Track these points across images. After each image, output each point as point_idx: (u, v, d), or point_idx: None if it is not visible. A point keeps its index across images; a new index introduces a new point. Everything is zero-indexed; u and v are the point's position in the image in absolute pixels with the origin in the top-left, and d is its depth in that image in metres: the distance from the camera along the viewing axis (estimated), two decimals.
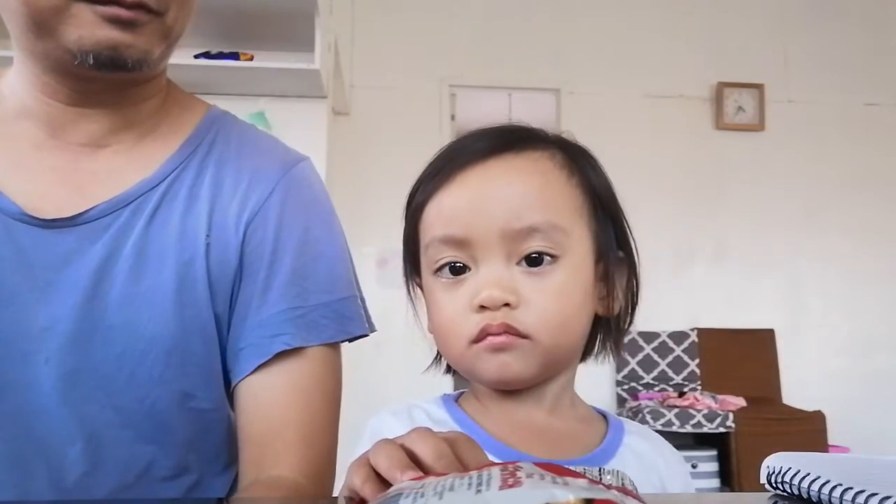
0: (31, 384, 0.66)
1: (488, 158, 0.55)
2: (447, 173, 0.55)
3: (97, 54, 0.63)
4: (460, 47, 3.73)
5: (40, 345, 0.66)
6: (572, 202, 0.55)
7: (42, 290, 0.66)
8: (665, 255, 3.60)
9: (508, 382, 0.55)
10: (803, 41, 3.88)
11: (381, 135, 3.54)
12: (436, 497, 0.30)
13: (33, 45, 0.65)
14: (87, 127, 0.71)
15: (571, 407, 0.59)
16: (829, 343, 3.71)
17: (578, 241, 0.55)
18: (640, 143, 3.66)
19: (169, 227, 0.71)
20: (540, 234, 0.52)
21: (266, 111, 2.57)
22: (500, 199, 0.53)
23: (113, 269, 0.68)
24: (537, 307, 0.52)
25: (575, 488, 0.28)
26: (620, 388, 3.51)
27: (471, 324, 0.53)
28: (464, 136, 0.58)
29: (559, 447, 0.54)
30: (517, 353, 0.52)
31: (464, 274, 0.54)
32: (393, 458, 0.37)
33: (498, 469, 0.31)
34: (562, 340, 0.54)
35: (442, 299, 0.55)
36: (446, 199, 0.55)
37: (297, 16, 2.43)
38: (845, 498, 0.39)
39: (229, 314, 0.73)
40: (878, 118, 3.88)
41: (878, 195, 3.79)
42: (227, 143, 0.77)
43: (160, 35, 0.67)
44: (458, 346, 0.54)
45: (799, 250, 3.75)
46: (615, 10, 3.82)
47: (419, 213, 0.57)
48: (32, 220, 0.67)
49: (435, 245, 0.55)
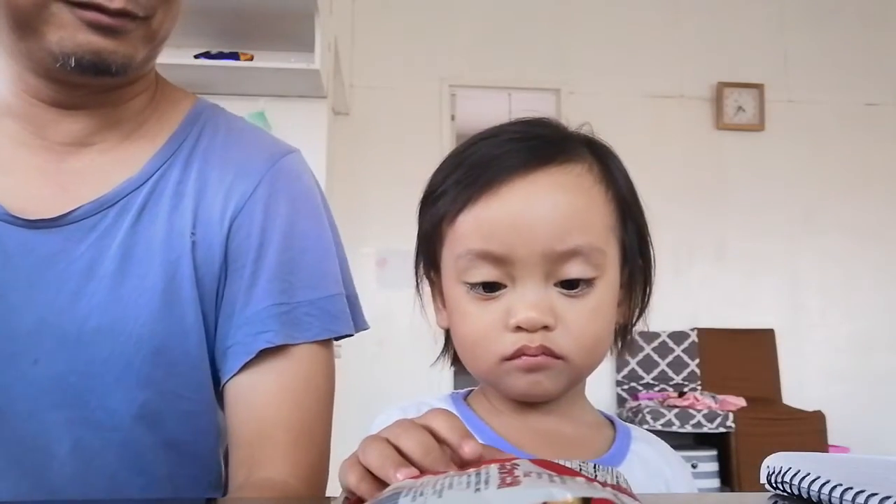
0: (18, 386, 0.65)
1: (530, 172, 0.53)
2: (486, 183, 0.53)
3: (79, 58, 0.62)
4: (460, 47, 3.73)
5: (28, 346, 0.65)
6: (609, 219, 0.55)
7: (28, 292, 0.66)
8: (665, 255, 3.57)
9: (535, 398, 0.55)
10: (803, 41, 3.88)
11: (380, 135, 3.54)
12: (435, 496, 0.30)
13: (16, 45, 0.64)
14: (71, 126, 0.69)
15: (581, 412, 0.59)
16: (829, 343, 3.71)
17: (611, 258, 0.54)
18: (640, 143, 3.65)
19: (155, 226, 0.69)
20: (581, 257, 0.52)
21: (266, 111, 2.57)
22: (545, 219, 0.51)
23: (99, 270, 0.67)
24: (574, 330, 0.52)
25: (572, 487, 0.28)
26: (620, 388, 3.52)
27: (506, 342, 0.52)
28: (493, 138, 0.56)
29: (568, 452, 0.53)
30: (550, 373, 0.52)
31: (499, 290, 0.53)
32: (385, 456, 0.36)
33: (496, 467, 0.31)
34: (593, 360, 0.54)
35: (473, 312, 0.54)
36: (485, 212, 0.53)
37: (297, 16, 2.43)
38: (845, 498, 0.39)
39: (216, 313, 0.71)
40: (878, 118, 3.88)
41: (878, 195, 3.80)
42: (213, 136, 0.75)
43: (145, 39, 0.65)
44: (489, 360, 0.53)
45: (799, 250, 3.75)
46: (615, 10, 3.82)
47: (448, 220, 0.55)
48: (16, 221, 0.66)
49: (471, 258, 0.53)
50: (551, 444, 0.55)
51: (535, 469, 0.31)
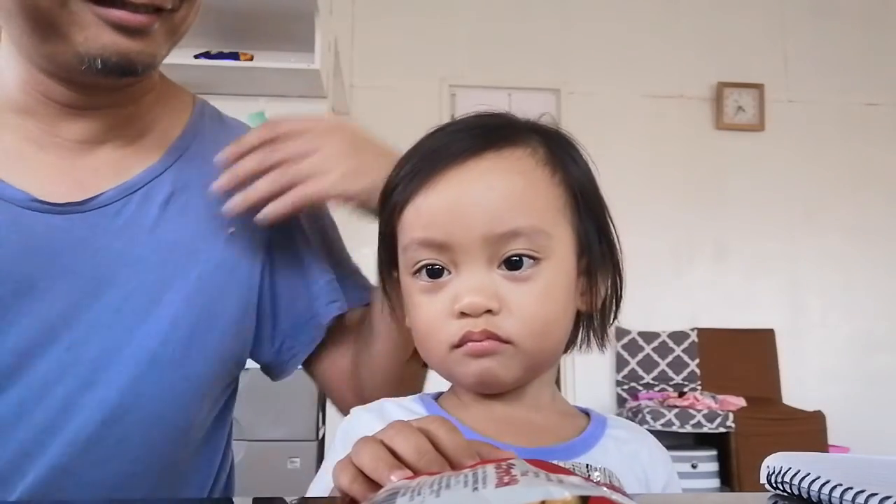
0: (52, 372, 0.65)
1: (468, 159, 0.53)
2: (426, 174, 0.53)
3: (105, 60, 0.61)
4: (460, 47, 3.73)
5: (62, 332, 0.65)
6: (555, 202, 0.54)
7: (58, 278, 0.66)
8: (665, 255, 3.60)
9: (490, 386, 0.54)
10: (803, 41, 3.88)
11: (380, 135, 3.52)
12: (433, 495, 0.29)
13: (37, 49, 0.63)
14: (86, 125, 0.70)
15: (552, 402, 0.58)
16: (829, 343, 3.71)
17: (561, 242, 0.53)
18: (640, 143, 3.66)
19: (186, 215, 0.71)
20: (522, 238, 0.51)
21: (266, 111, 2.57)
22: (481, 203, 0.51)
23: (129, 256, 0.68)
24: (520, 313, 0.51)
25: (570, 486, 0.28)
26: (620, 388, 3.51)
27: (451, 329, 0.51)
28: (441, 130, 0.57)
29: (536, 438, 0.54)
30: (499, 358, 0.51)
31: (443, 276, 0.53)
32: (378, 457, 0.36)
33: (492, 467, 0.31)
34: (545, 345, 0.53)
35: (421, 302, 0.54)
36: (425, 201, 0.53)
37: (297, 16, 2.43)
38: (845, 498, 0.39)
39: (260, 300, 0.76)
40: (878, 118, 3.88)
41: (878, 195, 3.79)
42: (223, 134, 0.77)
43: (168, 34, 0.66)
44: (438, 350, 0.53)
45: (799, 250, 3.75)
46: (615, 10, 3.82)
47: (398, 213, 0.55)
48: (42, 206, 0.66)
49: (414, 247, 0.53)
50: (518, 431, 0.54)
51: (532, 468, 0.31)
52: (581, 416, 0.59)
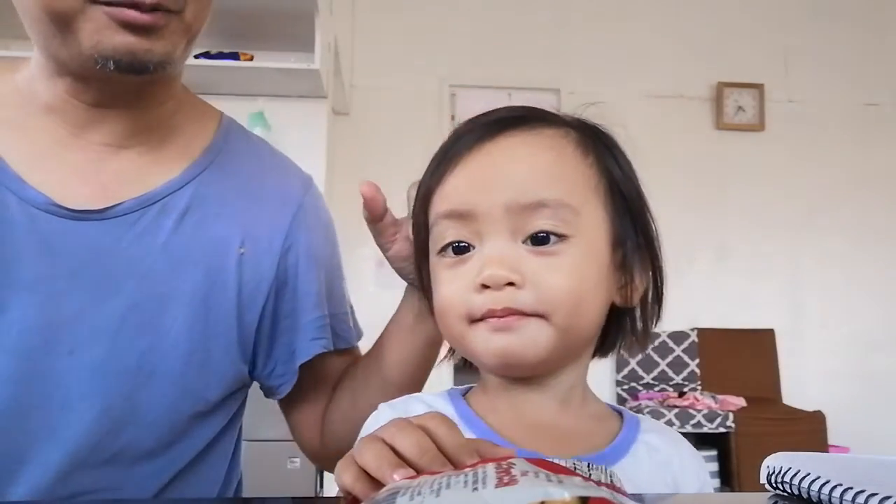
0: (52, 375, 0.65)
1: (497, 135, 0.52)
2: (454, 155, 0.52)
3: (117, 60, 0.63)
4: (460, 47, 3.73)
5: (65, 336, 0.66)
6: (586, 181, 0.52)
7: (69, 282, 0.66)
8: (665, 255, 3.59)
9: (512, 368, 0.51)
10: (803, 41, 3.88)
11: (380, 135, 3.54)
12: (433, 495, 0.29)
13: (57, 51, 0.65)
14: (109, 127, 0.71)
15: (583, 403, 0.56)
16: (829, 343, 3.70)
17: (592, 223, 0.51)
18: (640, 143, 3.65)
19: (200, 231, 0.72)
20: (548, 211, 0.49)
21: (265, 111, 2.57)
22: (506, 172, 0.50)
23: (141, 267, 0.69)
24: (544, 287, 0.48)
25: (570, 486, 0.28)
26: (620, 388, 3.51)
27: (472, 303, 0.50)
28: (475, 120, 0.56)
29: (568, 445, 0.52)
30: (522, 334, 0.49)
31: (468, 252, 0.51)
32: (381, 456, 0.36)
33: (492, 466, 0.31)
34: (575, 322, 0.50)
35: (444, 278, 0.52)
36: (452, 180, 0.52)
37: (297, 16, 2.43)
38: (845, 498, 0.39)
39: (259, 323, 0.76)
40: (878, 118, 3.88)
41: (878, 195, 3.79)
42: (249, 155, 0.80)
43: (180, 33, 0.67)
44: (457, 325, 0.51)
45: (799, 250, 3.75)
46: (615, 9, 3.82)
47: (428, 199, 0.54)
48: (60, 211, 0.67)
49: (439, 222, 0.52)
50: (550, 437, 0.52)
51: (532, 468, 0.31)
52: (613, 416, 0.57)
